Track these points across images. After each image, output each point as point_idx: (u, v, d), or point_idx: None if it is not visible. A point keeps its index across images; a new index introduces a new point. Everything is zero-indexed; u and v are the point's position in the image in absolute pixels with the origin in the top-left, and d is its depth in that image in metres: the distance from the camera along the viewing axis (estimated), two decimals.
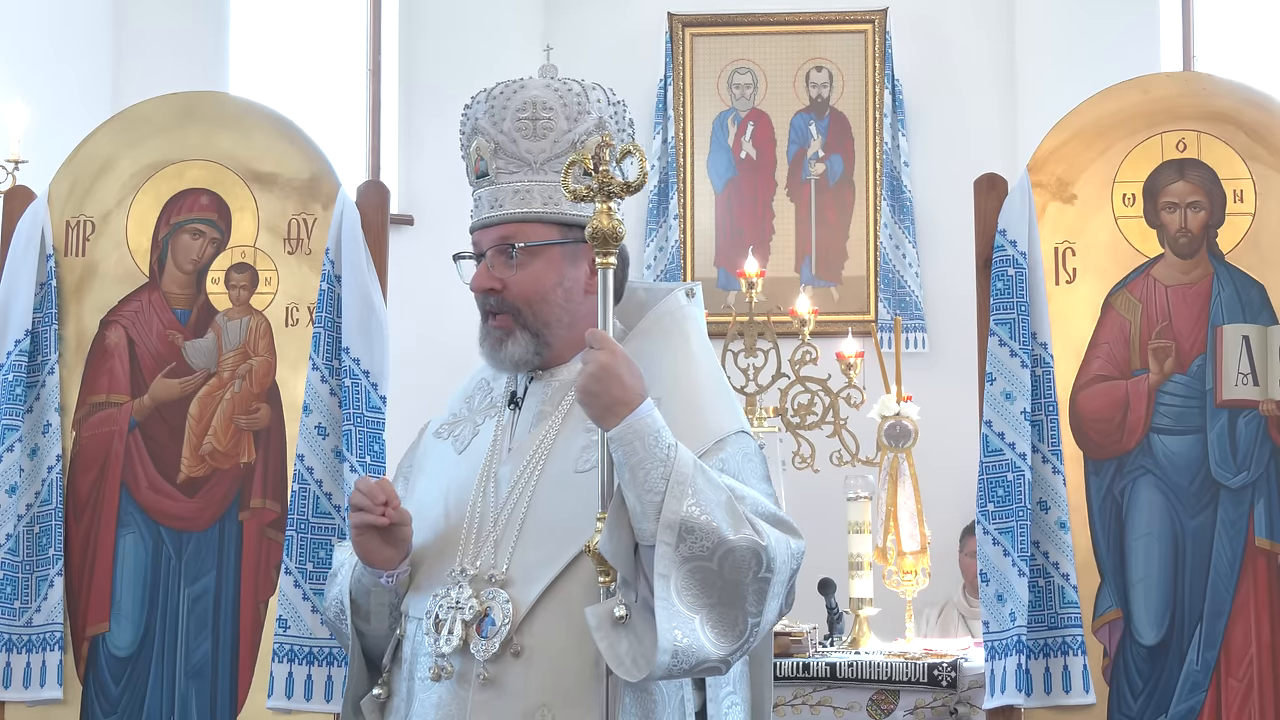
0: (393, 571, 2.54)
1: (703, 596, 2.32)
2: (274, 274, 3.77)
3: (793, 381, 5.07)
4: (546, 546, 2.45)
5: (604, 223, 2.40)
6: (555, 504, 2.48)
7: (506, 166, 2.57)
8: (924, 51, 7.93)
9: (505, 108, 2.57)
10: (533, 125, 2.56)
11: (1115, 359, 3.66)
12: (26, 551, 3.67)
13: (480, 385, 2.72)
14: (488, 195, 2.59)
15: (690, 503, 2.31)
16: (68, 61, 6.89)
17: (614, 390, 2.34)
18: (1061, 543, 3.55)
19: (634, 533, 2.34)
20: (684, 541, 2.30)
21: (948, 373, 6.96)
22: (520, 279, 2.54)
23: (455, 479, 2.60)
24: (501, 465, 2.55)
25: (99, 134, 3.88)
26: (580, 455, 2.50)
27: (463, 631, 2.43)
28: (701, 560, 2.31)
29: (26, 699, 3.66)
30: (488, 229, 2.58)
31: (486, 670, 2.42)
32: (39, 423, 3.71)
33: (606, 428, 2.35)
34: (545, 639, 2.42)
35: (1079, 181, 3.70)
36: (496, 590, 2.44)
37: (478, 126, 2.61)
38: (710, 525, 2.31)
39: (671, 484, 2.31)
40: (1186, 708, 3.55)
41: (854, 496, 5.01)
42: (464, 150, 2.67)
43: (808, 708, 4.52)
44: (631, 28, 8.01)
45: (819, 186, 7.88)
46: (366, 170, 8.07)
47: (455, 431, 2.68)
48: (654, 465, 2.32)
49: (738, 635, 2.35)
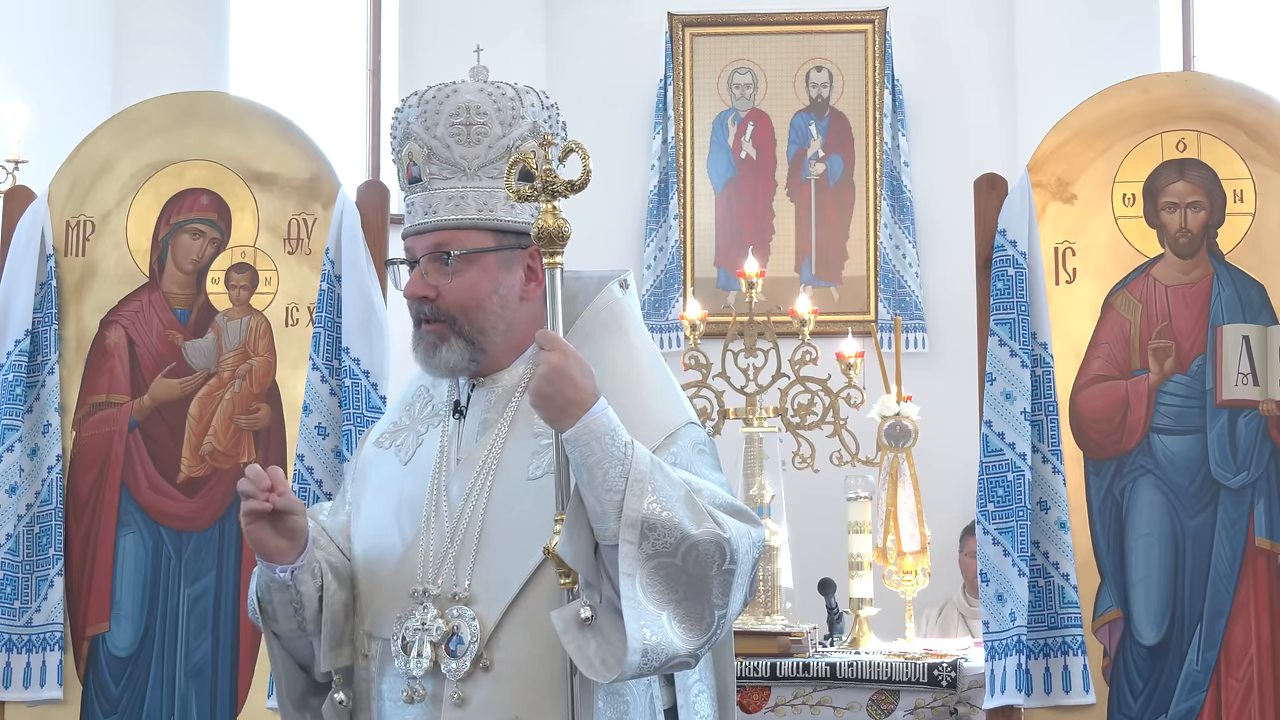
0: (288, 565, 2.48)
1: (668, 593, 2.32)
2: (274, 274, 3.77)
3: (793, 381, 5.07)
4: (507, 559, 2.43)
5: (550, 222, 2.38)
6: (510, 514, 2.46)
7: (440, 172, 2.52)
8: (924, 51, 7.93)
9: (439, 112, 2.52)
10: (467, 130, 2.52)
11: (1115, 359, 3.66)
12: (26, 551, 3.67)
13: (419, 393, 2.67)
14: (421, 201, 2.54)
15: (651, 499, 2.30)
16: (68, 61, 6.89)
17: (567, 391, 2.32)
18: (1061, 543, 3.55)
19: (594, 533, 2.33)
20: (647, 539, 2.30)
21: (948, 373, 6.95)
22: (455, 287, 2.50)
23: (403, 492, 2.55)
24: (451, 478, 2.52)
25: (99, 134, 3.88)
26: (530, 462, 2.48)
27: (431, 653, 2.41)
28: (665, 556, 2.30)
29: (26, 699, 3.66)
30: (421, 235, 2.53)
31: (460, 690, 2.40)
32: (39, 423, 3.71)
33: (561, 429, 2.33)
34: (514, 652, 2.41)
35: (1079, 181, 3.70)
36: (461, 608, 2.42)
37: (409, 131, 2.55)
38: (672, 521, 2.30)
39: (631, 482, 2.30)
40: (1186, 708, 3.55)
41: (854, 496, 5.00)
42: (395, 155, 2.61)
43: (808, 708, 4.51)
44: (631, 28, 8.00)
45: (819, 186, 7.88)
46: (366, 170, 8.07)
47: (397, 440, 2.62)
48: (612, 464, 2.31)
49: (705, 629, 2.35)
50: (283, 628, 2.55)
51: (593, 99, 7.71)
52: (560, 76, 7.90)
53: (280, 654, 2.59)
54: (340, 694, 2.53)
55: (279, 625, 2.55)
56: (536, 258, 2.52)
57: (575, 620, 2.32)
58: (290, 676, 2.60)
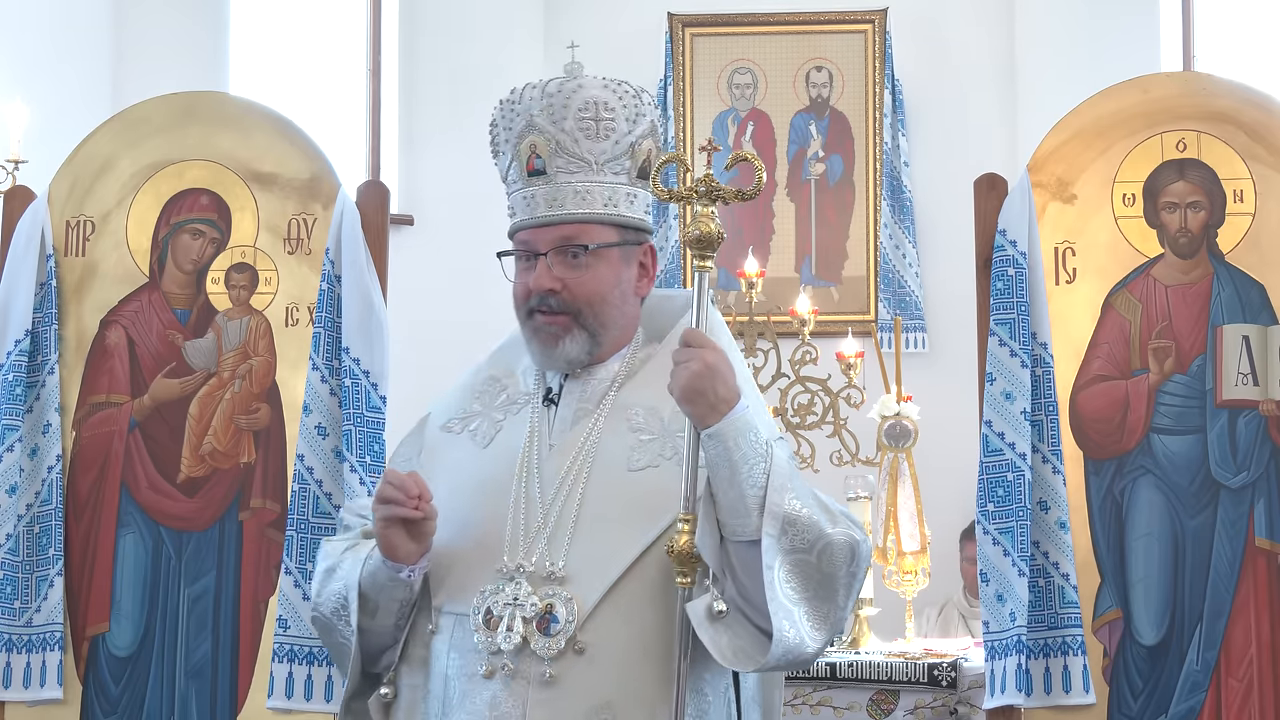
0: (414, 566, 2.49)
1: (801, 590, 2.37)
2: (274, 274, 3.77)
3: (793, 381, 5.07)
4: (605, 543, 2.44)
5: (710, 227, 2.43)
6: (609, 501, 2.47)
7: (567, 166, 2.53)
8: (924, 51, 7.93)
9: (566, 106, 2.53)
10: (596, 126, 2.53)
11: (1115, 359, 3.66)
12: (26, 551, 3.67)
13: (489, 382, 2.68)
14: (544, 194, 2.54)
15: (791, 496, 2.37)
16: (68, 61, 6.89)
17: (718, 388, 2.37)
18: (1061, 543, 3.55)
19: (721, 528, 2.38)
20: (786, 534, 2.36)
21: (948, 373, 6.95)
22: (585, 280, 2.52)
23: (484, 474, 2.56)
24: (543, 462, 2.53)
25: (99, 134, 3.88)
26: (630, 454, 2.50)
27: (523, 629, 2.40)
28: (802, 553, 2.37)
29: (26, 699, 3.66)
30: (546, 228, 2.54)
31: (551, 668, 2.39)
32: (39, 423, 3.71)
33: (708, 425, 2.37)
34: (608, 637, 2.41)
35: (1079, 181, 3.70)
36: (557, 587, 2.42)
37: (533, 123, 2.54)
38: (811, 519, 2.37)
39: (772, 478, 2.37)
40: (1186, 708, 3.55)
41: (854, 496, 5.01)
42: (508, 146, 2.59)
43: (808, 708, 4.52)
44: (631, 28, 8.00)
45: (819, 186, 7.88)
46: (366, 170, 8.07)
47: (470, 426, 2.63)
48: (756, 460, 2.37)
49: (830, 628, 2.40)
50: (379, 623, 2.54)
51: None
52: None
53: (358, 652, 2.56)
54: (387, 689, 2.55)
55: (377, 621, 2.54)
56: (650, 254, 2.60)
57: (709, 613, 2.37)
58: (353, 675, 2.58)
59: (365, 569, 2.53)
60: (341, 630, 2.57)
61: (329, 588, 2.60)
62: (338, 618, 2.58)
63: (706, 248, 2.44)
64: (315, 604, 2.61)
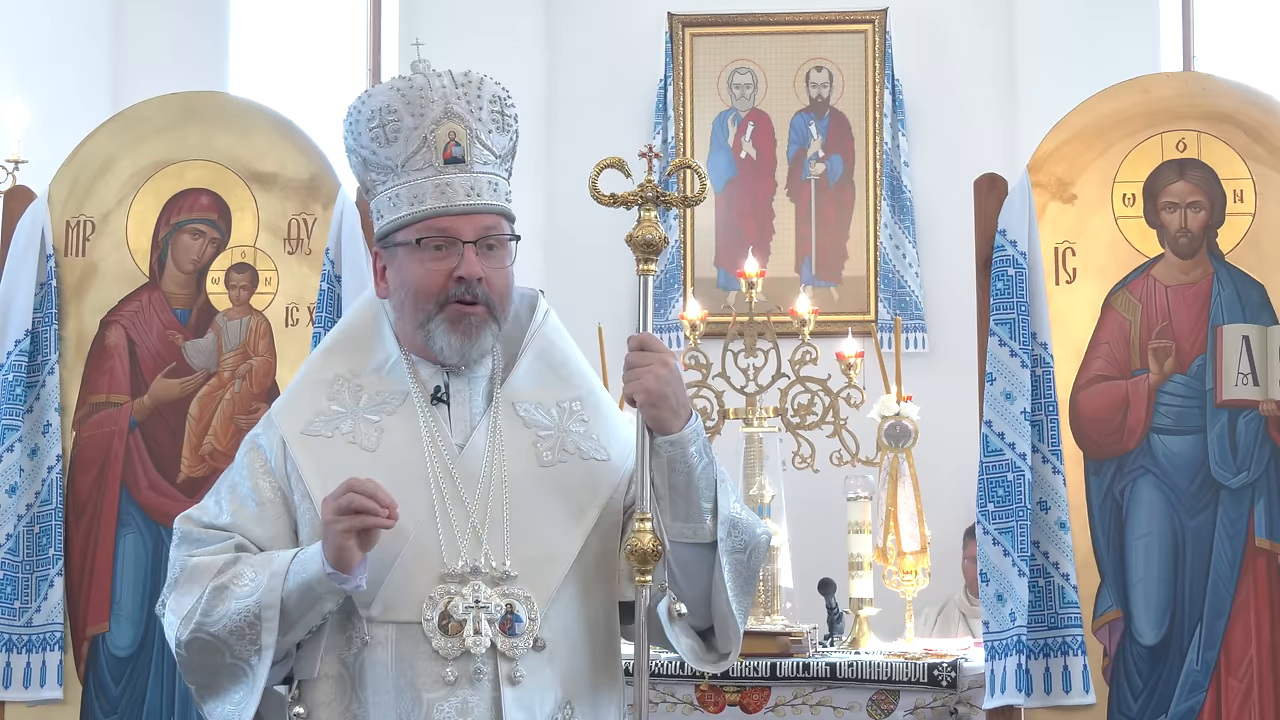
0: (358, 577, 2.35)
1: (733, 588, 2.43)
2: (274, 274, 3.77)
3: (793, 381, 5.06)
4: (544, 541, 2.44)
5: (654, 232, 2.45)
6: (533, 498, 2.46)
7: (481, 155, 2.50)
8: (924, 51, 7.92)
9: (480, 97, 2.51)
10: (501, 119, 2.53)
11: (1115, 359, 3.66)
12: (26, 551, 3.67)
13: (339, 382, 2.54)
14: (462, 182, 2.48)
15: (734, 500, 2.44)
16: (68, 61, 6.89)
17: (680, 392, 2.39)
18: (1061, 543, 3.55)
19: (665, 530, 2.41)
20: (730, 536, 2.42)
21: (948, 373, 6.94)
22: (501, 272, 2.50)
23: (386, 478, 2.37)
24: (456, 463, 2.47)
25: (99, 134, 3.88)
26: (536, 451, 2.49)
27: (489, 630, 2.37)
28: (739, 554, 2.44)
29: (26, 699, 3.66)
30: (469, 216, 2.48)
31: (520, 667, 2.39)
32: (39, 423, 3.71)
33: (672, 430, 2.38)
34: (561, 631, 2.43)
35: (1079, 181, 3.71)
36: (512, 586, 2.40)
37: (451, 110, 2.48)
38: (748, 521, 2.46)
39: (719, 481, 2.43)
40: (1186, 708, 3.55)
41: (854, 496, 5.00)
42: (414, 133, 2.49)
43: (808, 708, 4.51)
44: (631, 28, 8.00)
45: (819, 186, 7.88)
46: None
47: (342, 430, 2.48)
48: (709, 465, 2.42)
49: (745, 623, 2.48)
50: (287, 641, 2.40)
51: (593, 99, 7.72)
52: (560, 76, 7.90)
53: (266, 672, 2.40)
54: (300, 707, 2.43)
55: (287, 639, 2.40)
56: None
57: (669, 615, 2.43)
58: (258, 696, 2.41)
59: (292, 583, 2.37)
60: (237, 650, 2.40)
61: (225, 607, 2.40)
62: (237, 638, 2.40)
63: (651, 252, 2.45)
64: (199, 624, 2.41)
